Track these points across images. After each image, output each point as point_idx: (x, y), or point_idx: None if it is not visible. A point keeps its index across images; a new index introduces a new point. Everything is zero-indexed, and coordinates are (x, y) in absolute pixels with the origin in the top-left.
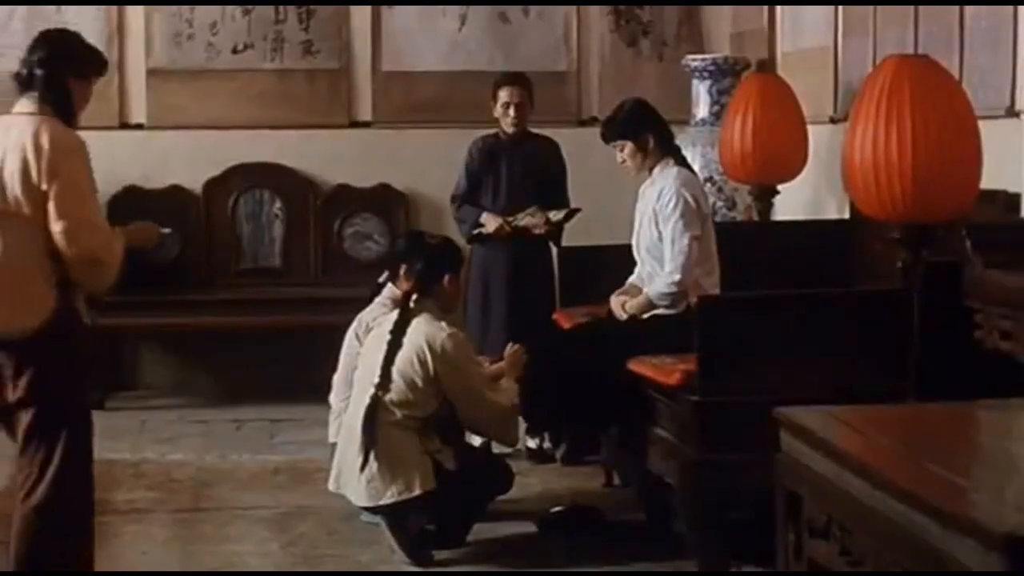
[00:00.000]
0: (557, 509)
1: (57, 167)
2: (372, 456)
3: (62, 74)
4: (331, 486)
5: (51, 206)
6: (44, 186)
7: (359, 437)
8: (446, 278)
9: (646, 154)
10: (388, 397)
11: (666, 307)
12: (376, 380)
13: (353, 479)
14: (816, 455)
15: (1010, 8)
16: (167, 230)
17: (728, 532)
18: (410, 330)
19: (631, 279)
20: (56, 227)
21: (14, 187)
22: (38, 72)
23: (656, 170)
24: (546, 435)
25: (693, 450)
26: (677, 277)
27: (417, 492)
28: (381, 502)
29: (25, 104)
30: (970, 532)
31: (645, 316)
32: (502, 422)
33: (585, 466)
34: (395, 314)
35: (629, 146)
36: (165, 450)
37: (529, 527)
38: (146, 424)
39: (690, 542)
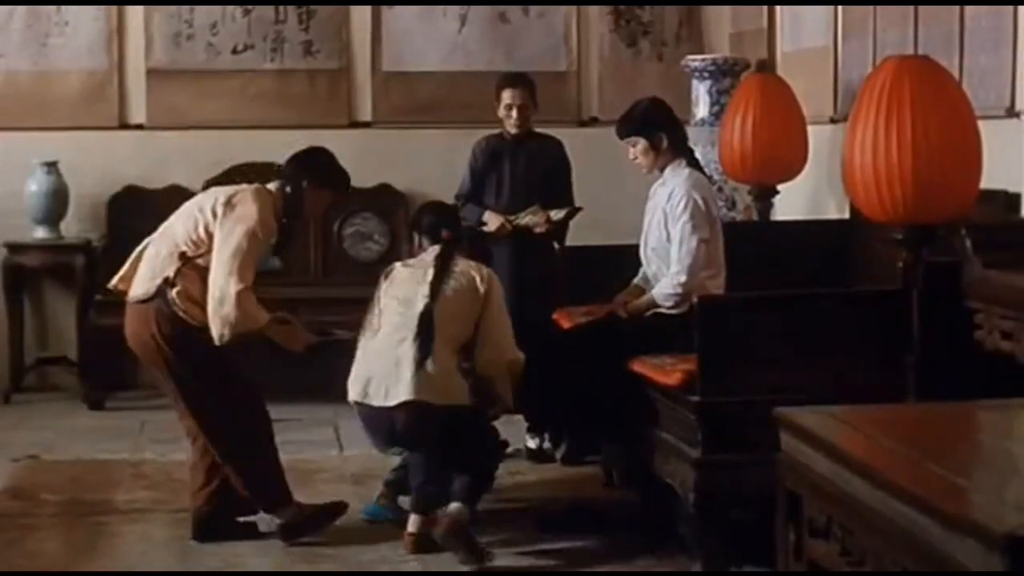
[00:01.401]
0: (557, 509)
1: (227, 219)
2: (431, 358)
3: (301, 178)
4: (355, 396)
5: (215, 248)
6: (211, 226)
7: (410, 340)
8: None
9: (658, 153)
10: (439, 307)
11: (669, 308)
12: (427, 293)
13: (403, 375)
14: (816, 455)
15: (1010, 8)
16: (336, 336)
17: (728, 532)
18: (453, 264)
19: (636, 280)
20: (212, 260)
21: (199, 211)
22: (287, 170)
23: (668, 170)
24: (546, 435)
25: (693, 450)
26: (683, 279)
27: (467, 402)
28: (432, 400)
29: (270, 184)
30: (970, 532)
31: (647, 315)
32: (514, 378)
33: (585, 466)
34: (433, 251)
35: (642, 143)
36: (165, 450)
37: (529, 527)
38: (146, 424)
39: (690, 542)
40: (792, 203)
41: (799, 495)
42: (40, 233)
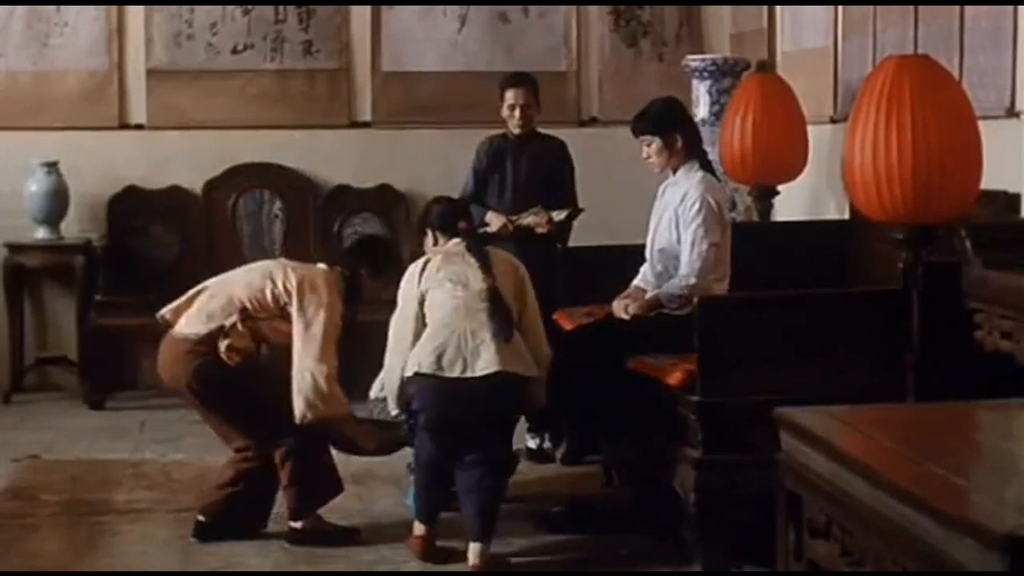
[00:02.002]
0: (557, 509)
1: (308, 304)
2: (513, 332)
3: (360, 266)
4: (426, 368)
5: (297, 332)
6: (281, 298)
7: (485, 314)
8: None
9: (672, 153)
10: (499, 285)
11: (674, 309)
12: (482, 276)
13: (484, 348)
14: (816, 455)
15: (1010, 8)
16: (404, 436)
17: (728, 532)
18: (487, 251)
19: (636, 281)
20: (296, 343)
21: (270, 279)
22: (347, 257)
23: (680, 171)
24: (546, 435)
25: (693, 450)
26: (692, 281)
27: (537, 373)
28: (516, 370)
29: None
30: (970, 532)
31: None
32: (546, 369)
33: (585, 466)
34: (456, 243)
35: (657, 142)
36: (165, 450)
37: (529, 527)
38: (146, 424)
39: (690, 542)
40: (792, 203)
41: (799, 495)
42: (40, 233)
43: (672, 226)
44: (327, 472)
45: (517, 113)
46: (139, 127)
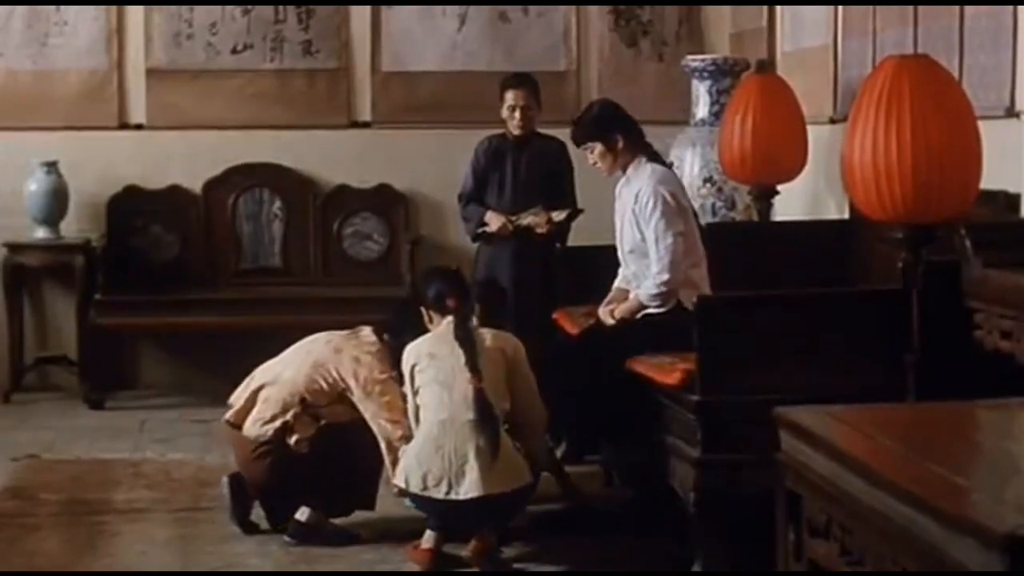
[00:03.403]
0: (557, 509)
1: (373, 389)
2: (500, 445)
3: (406, 331)
4: (415, 488)
5: (371, 414)
6: (338, 384)
7: (469, 427)
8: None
9: (616, 154)
10: (485, 386)
11: (656, 307)
12: (468, 376)
13: (468, 468)
14: (816, 455)
15: (1010, 8)
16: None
17: (728, 532)
18: (476, 336)
19: (616, 283)
20: (376, 424)
21: (323, 367)
22: (391, 321)
23: (630, 169)
24: (546, 435)
25: (693, 450)
26: (666, 276)
27: (528, 481)
28: (501, 489)
29: (385, 336)
30: (970, 532)
31: (638, 316)
32: (544, 432)
33: (585, 466)
34: (447, 327)
35: (599, 147)
36: (165, 450)
37: (529, 527)
38: (146, 424)
39: (690, 542)
40: (792, 203)
41: (799, 495)
42: (40, 233)
43: (633, 226)
44: (370, 485)
45: (517, 114)
46: (139, 127)
